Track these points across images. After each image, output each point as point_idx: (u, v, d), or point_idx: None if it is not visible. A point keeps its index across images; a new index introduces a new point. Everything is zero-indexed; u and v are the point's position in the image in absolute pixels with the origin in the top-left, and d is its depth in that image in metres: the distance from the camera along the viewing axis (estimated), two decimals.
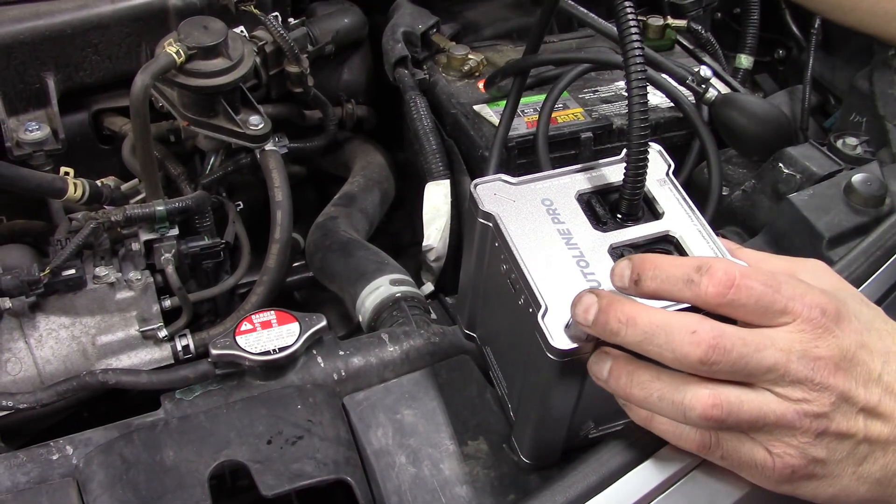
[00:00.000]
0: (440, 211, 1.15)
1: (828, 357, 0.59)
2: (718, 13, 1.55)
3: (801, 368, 0.59)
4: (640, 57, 0.68)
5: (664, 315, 0.60)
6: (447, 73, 1.26)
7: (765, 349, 0.59)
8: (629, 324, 0.60)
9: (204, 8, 1.14)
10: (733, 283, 0.59)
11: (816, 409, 0.59)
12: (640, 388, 0.62)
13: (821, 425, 0.59)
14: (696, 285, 0.60)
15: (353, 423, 0.82)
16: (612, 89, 1.22)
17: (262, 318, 0.85)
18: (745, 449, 0.61)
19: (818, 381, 0.59)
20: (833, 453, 0.60)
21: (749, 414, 0.59)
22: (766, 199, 0.99)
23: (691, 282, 0.60)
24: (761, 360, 0.58)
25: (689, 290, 0.60)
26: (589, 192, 0.75)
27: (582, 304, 0.62)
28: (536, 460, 0.77)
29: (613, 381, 0.62)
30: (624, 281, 0.63)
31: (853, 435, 0.60)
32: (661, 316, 0.60)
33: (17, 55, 1.06)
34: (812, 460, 0.60)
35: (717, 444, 0.62)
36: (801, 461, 0.60)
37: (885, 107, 1.04)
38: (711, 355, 0.58)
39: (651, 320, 0.60)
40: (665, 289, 0.61)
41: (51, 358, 0.98)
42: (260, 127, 1.08)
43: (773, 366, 0.58)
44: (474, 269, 0.78)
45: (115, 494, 0.74)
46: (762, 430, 0.60)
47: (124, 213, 1.01)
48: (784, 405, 0.59)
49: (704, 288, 0.60)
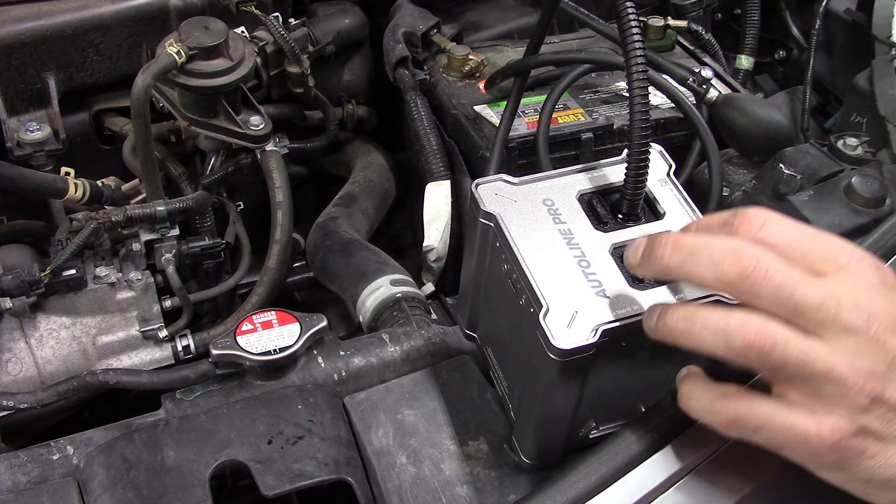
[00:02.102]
0: (441, 211, 1.15)
1: (882, 310, 0.54)
2: (719, 14, 1.55)
3: (854, 315, 0.54)
4: (641, 58, 0.68)
5: (707, 237, 0.59)
6: (448, 73, 1.26)
7: (812, 285, 0.54)
8: (673, 246, 0.59)
9: (205, 8, 1.14)
10: (765, 221, 0.58)
11: (870, 365, 0.53)
12: (684, 320, 0.58)
13: (876, 387, 0.53)
14: (729, 225, 0.59)
15: (354, 424, 0.82)
16: (612, 90, 1.21)
17: (262, 318, 0.85)
18: (782, 416, 0.55)
19: (874, 333, 0.53)
20: (888, 426, 0.53)
21: (796, 354, 0.54)
22: (766, 200, 0.98)
23: (726, 223, 0.59)
24: (808, 292, 0.54)
25: (723, 231, 0.59)
26: (590, 193, 0.75)
27: (632, 246, 0.62)
28: (537, 460, 0.77)
29: (661, 321, 0.60)
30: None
31: None
32: (704, 238, 0.59)
33: (18, 55, 1.06)
34: (862, 429, 0.53)
35: (748, 412, 0.57)
36: (849, 427, 0.53)
37: (886, 107, 1.04)
38: (752, 270, 0.54)
39: (694, 241, 0.58)
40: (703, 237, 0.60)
41: (51, 358, 0.98)
42: (261, 127, 1.08)
43: (822, 302, 0.54)
44: (475, 269, 0.78)
45: (115, 494, 0.74)
46: (808, 381, 0.54)
47: (125, 214, 1.01)
48: (835, 356, 0.53)
49: (737, 226, 0.58)
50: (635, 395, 0.72)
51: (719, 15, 1.56)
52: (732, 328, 0.56)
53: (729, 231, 0.59)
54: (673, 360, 0.69)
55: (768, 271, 0.55)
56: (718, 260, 0.56)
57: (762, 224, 0.58)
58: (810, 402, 0.55)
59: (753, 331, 0.55)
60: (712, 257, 0.56)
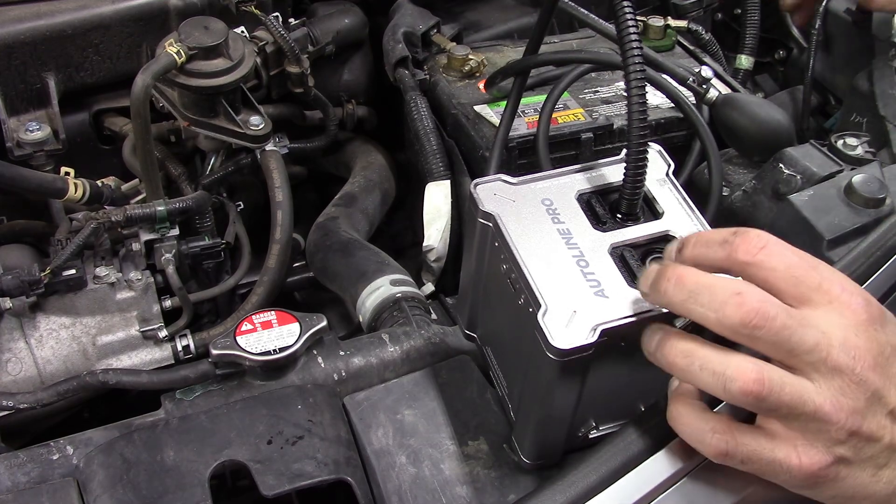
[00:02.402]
0: (441, 211, 1.15)
1: (866, 349, 0.57)
2: (719, 14, 1.55)
3: (842, 355, 0.57)
4: (638, 57, 0.68)
5: (711, 277, 0.60)
6: (448, 73, 1.26)
7: (808, 326, 0.57)
8: (677, 282, 0.60)
9: (205, 8, 1.14)
10: (765, 244, 0.59)
11: (852, 403, 0.57)
12: (683, 356, 0.60)
13: (854, 423, 0.57)
14: (729, 244, 0.60)
15: (354, 423, 0.82)
16: (612, 90, 1.21)
17: (262, 318, 0.85)
18: (768, 450, 0.59)
19: (858, 371, 0.57)
20: (858, 454, 0.58)
21: (790, 397, 0.57)
22: (766, 200, 0.98)
23: (726, 242, 0.60)
24: (804, 336, 0.57)
25: (722, 250, 0.60)
26: (589, 192, 0.75)
27: (645, 274, 0.63)
28: (536, 460, 0.77)
29: (660, 351, 0.62)
30: (671, 254, 0.64)
31: (880, 438, 0.58)
32: (708, 277, 0.60)
33: (17, 55, 1.06)
34: (838, 459, 0.58)
35: (736, 448, 0.60)
36: (827, 459, 0.58)
37: (886, 107, 1.04)
38: (754, 318, 0.56)
39: (698, 280, 0.59)
40: (702, 252, 0.62)
41: (51, 358, 0.98)
42: (260, 127, 1.08)
43: (815, 345, 0.57)
44: (474, 269, 0.78)
45: (115, 494, 0.74)
46: (797, 419, 0.58)
47: (125, 214, 1.01)
48: (822, 396, 0.57)
49: (736, 246, 0.60)
50: (635, 394, 0.72)
51: (719, 15, 1.56)
52: (731, 374, 0.58)
53: (729, 251, 0.60)
54: None
55: (769, 315, 0.57)
56: (721, 304, 0.58)
57: (761, 248, 0.59)
58: (793, 435, 0.58)
59: (752, 378, 0.57)
60: (714, 300, 0.58)
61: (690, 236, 0.64)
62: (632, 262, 0.69)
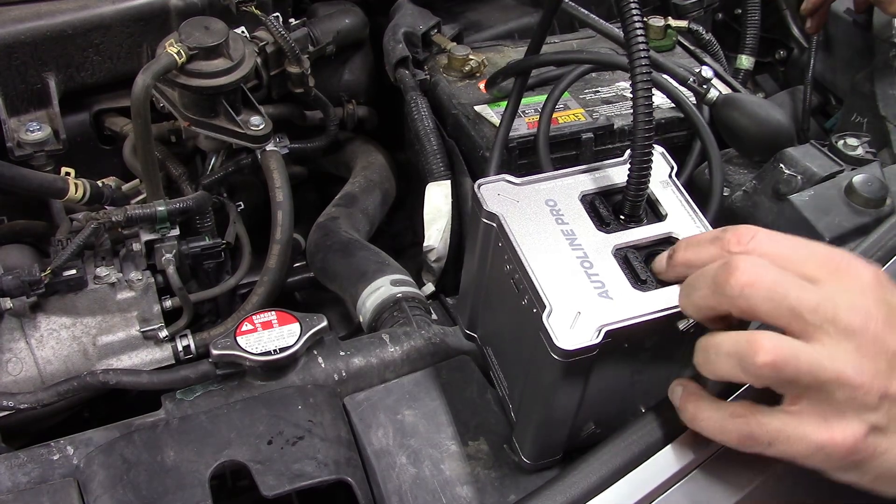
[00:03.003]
0: (441, 211, 1.15)
1: (876, 309, 0.55)
2: (719, 14, 1.56)
3: (851, 315, 0.55)
4: (645, 59, 0.68)
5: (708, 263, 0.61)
6: (448, 73, 1.26)
7: (806, 288, 0.56)
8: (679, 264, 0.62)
9: (205, 8, 1.14)
10: (755, 234, 0.59)
11: (873, 365, 0.54)
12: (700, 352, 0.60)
13: (881, 385, 0.54)
14: (720, 240, 0.61)
15: (354, 424, 0.82)
16: (613, 90, 1.21)
17: (262, 318, 0.85)
18: (793, 426, 0.56)
19: (872, 331, 0.55)
20: (892, 420, 0.55)
21: (808, 365, 0.54)
22: (766, 200, 0.99)
23: (717, 238, 0.61)
24: (802, 295, 0.55)
25: (714, 247, 0.61)
26: (592, 193, 0.75)
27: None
28: (537, 461, 0.77)
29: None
30: (662, 261, 0.66)
31: None
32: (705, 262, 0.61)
33: (18, 55, 1.06)
34: (872, 428, 0.55)
35: (759, 428, 0.57)
36: (862, 428, 0.54)
37: (886, 107, 1.04)
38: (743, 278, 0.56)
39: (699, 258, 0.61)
40: (693, 253, 0.62)
41: (52, 358, 0.98)
42: (261, 127, 1.08)
43: (818, 305, 0.55)
44: (476, 269, 0.78)
45: (115, 494, 0.74)
46: (821, 390, 0.55)
47: (125, 214, 1.01)
48: (840, 360, 0.54)
49: (728, 240, 0.60)
50: (636, 395, 0.72)
51: (720, 15, 1.56)
52: (744, 350, 0.56)
53: (720, 246, 0.60)
54: (675, 360, 0.69)
55: (758, 274, 0.56)
56: (712, 277, 0.58)
57: (751, 237, 0.59)
58: (820, 409, 0.55)
59: (766, 348, 0.55)
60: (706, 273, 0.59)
61: (679, 242, 0.65)
62: (635, 264, 0.69)
